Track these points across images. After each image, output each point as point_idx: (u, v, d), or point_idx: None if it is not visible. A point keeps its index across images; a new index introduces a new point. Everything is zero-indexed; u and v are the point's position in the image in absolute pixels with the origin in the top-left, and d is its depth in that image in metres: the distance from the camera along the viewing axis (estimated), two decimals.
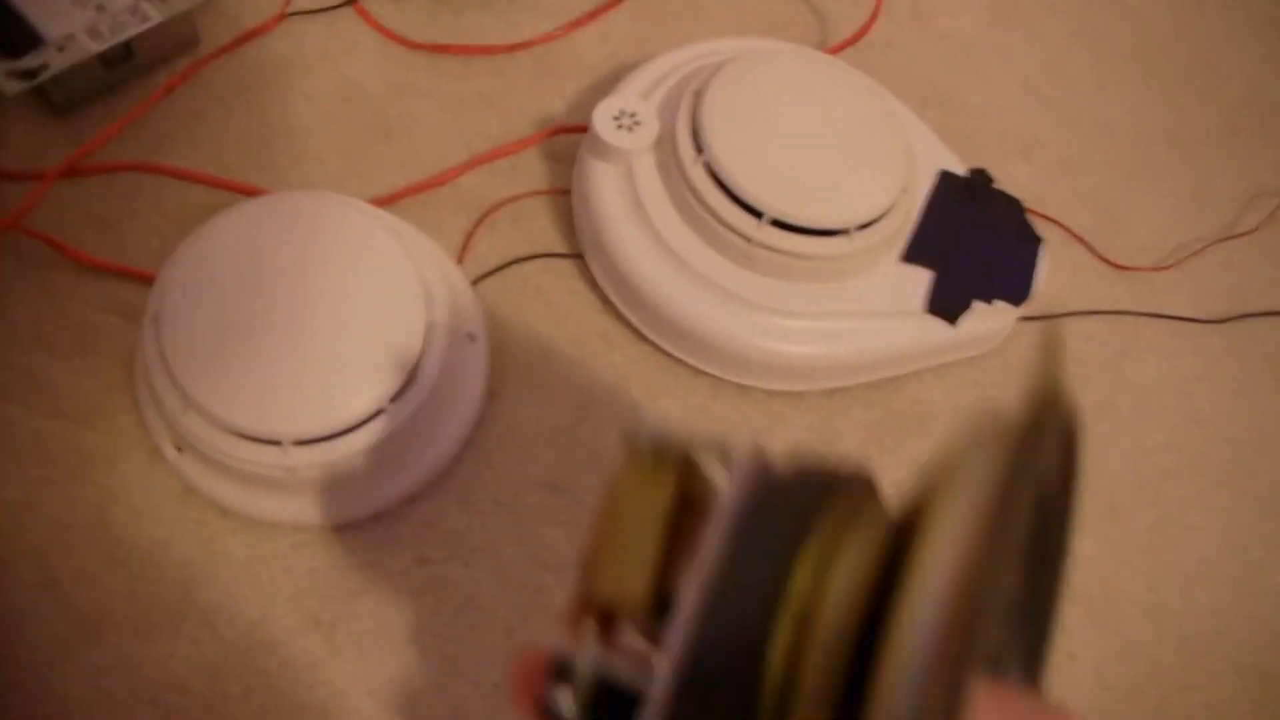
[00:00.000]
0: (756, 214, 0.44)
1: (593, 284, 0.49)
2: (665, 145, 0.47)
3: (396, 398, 0.39)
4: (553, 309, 0.48)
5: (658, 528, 0.21)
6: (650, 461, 0.22)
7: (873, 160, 0.47)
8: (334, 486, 0.40)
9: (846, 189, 0.45)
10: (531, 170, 0.52)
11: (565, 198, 0.51)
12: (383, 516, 0.42)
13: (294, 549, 0.41)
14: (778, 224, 0.44)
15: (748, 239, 0.44)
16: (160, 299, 0.39)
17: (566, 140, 0.52)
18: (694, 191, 0.45)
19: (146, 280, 0.45)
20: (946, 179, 0.50)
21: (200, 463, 0.40)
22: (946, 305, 0.47)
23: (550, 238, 0.50)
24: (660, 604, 0.21)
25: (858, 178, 0.46)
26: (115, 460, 0.42)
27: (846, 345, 0.47)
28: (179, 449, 0.40)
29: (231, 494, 0.40)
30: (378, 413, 0.39)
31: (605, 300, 0.48)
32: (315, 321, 0.39)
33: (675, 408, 0.47)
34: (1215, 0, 0.70)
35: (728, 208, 0.44)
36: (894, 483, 0.47)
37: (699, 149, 0.45)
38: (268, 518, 0.41)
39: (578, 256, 0.49)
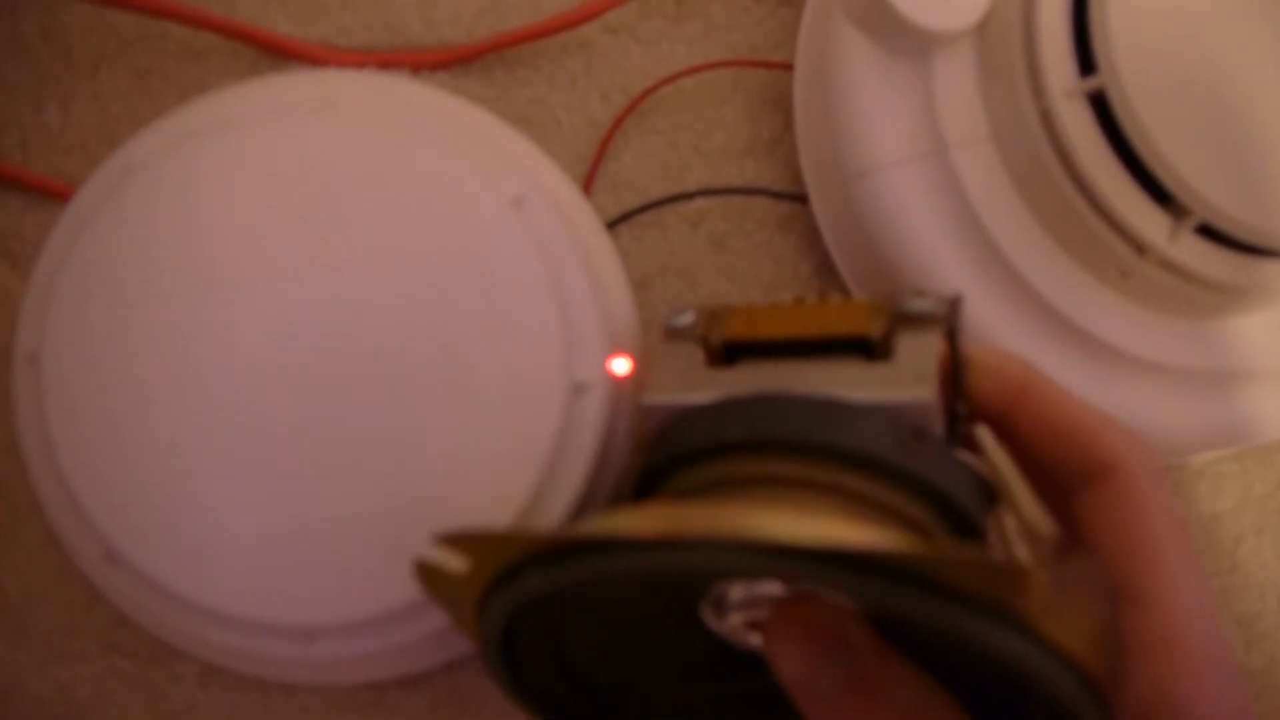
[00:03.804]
0: (1178, 211, 0.24)
1: (819, 248, 0.29)
2: (1002, 38, 0.25)
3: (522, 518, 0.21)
4: (739, 285, 0.29)
5: None
6: None
7: None
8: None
9: None
10: (724, 16, 0.30)
11: (784, 77, 0.29)
12: (454, 665, 0.26)
13: (305, 716, 0.25)
14: (1206, 232, 0.24)
15: (1143, 249, 0.24)
16: (39, 325, 0.19)
17: None
18: (1058, 144, 0.24)
19: (36, 191, 0.25)
20: None
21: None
22: None
23: (741, 151, 0.29)
24: None
25: None
26: (11, 549, 0.24)
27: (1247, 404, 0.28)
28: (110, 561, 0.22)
29: (196, 638, 0.23)
30: None
31: (833, 279, 0.29)
32: (349, 419, 0.20)
33: None
34: None
35: (1125, 188, 0.24)
36: None
37: (1085, 65, 0.24)
38: (260, 675, 0.24)
39: (798, 199, 0.29)
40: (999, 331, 0.26)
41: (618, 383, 0.23)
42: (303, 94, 0.23)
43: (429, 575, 0.16)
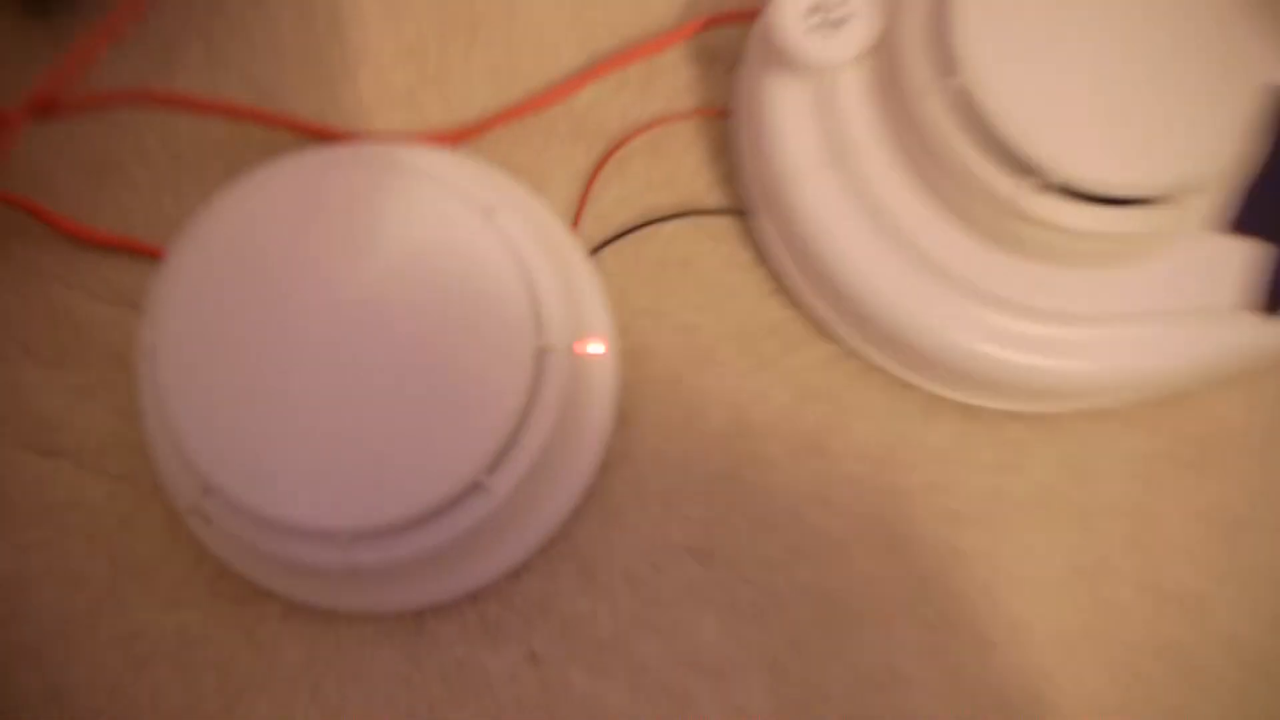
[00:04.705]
0: (1029, 171, 0.29)
1: (764, 256, 0.35)
2: (888, 57, 0.31)
3: (494, 468, 0.27)
4: (705, 293, 0.35)
5: None
6: None
7: (1195, 94, 0.30)
8: (412, 577, 0.29)
9: (1164, 133, 0.29)
10: (676, 81, 0.37)
11: (725, 124, 0.36)
12: (479, 597, 0.31)
13: (362, 644, 0.31)
14: (1063, 190, 0.29)
15: (1012, 207, 0.29)
16: (156, 324, 0.27)
17: (728, 36, 0.36)
18: (932, 131, 0.30)
19: (156, 257, 0.33)
20: None
21: (231, 542, 0.29)
22: None
23: (702, 185, 0.36)
24: None
25: (1177, 114, 0.30)
26: (131, 517, 0.31)
27: (1135, 354, 0.32)
28: (206, 519, 0.29)
29: (276, 577, 0.30)
30: (470, 489, 0.27)
31: (781, 280, 0.34)
32: (373, 362, 0.27)
33: (874, 431, 0.34)
34: None
35: (985, 158, 0.29)
36: (1189, 543, 0.33)
37: (946, 67, 0.29)
38: (326, 605, 0.30)
39: (742, 214, 0.35)
40: (903, 290, 0.31)
41: (580, 354, 0.29)
42: (345, 158, 0.30)
43: None
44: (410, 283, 0.27)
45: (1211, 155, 0.29)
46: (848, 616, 0.32)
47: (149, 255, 0.33)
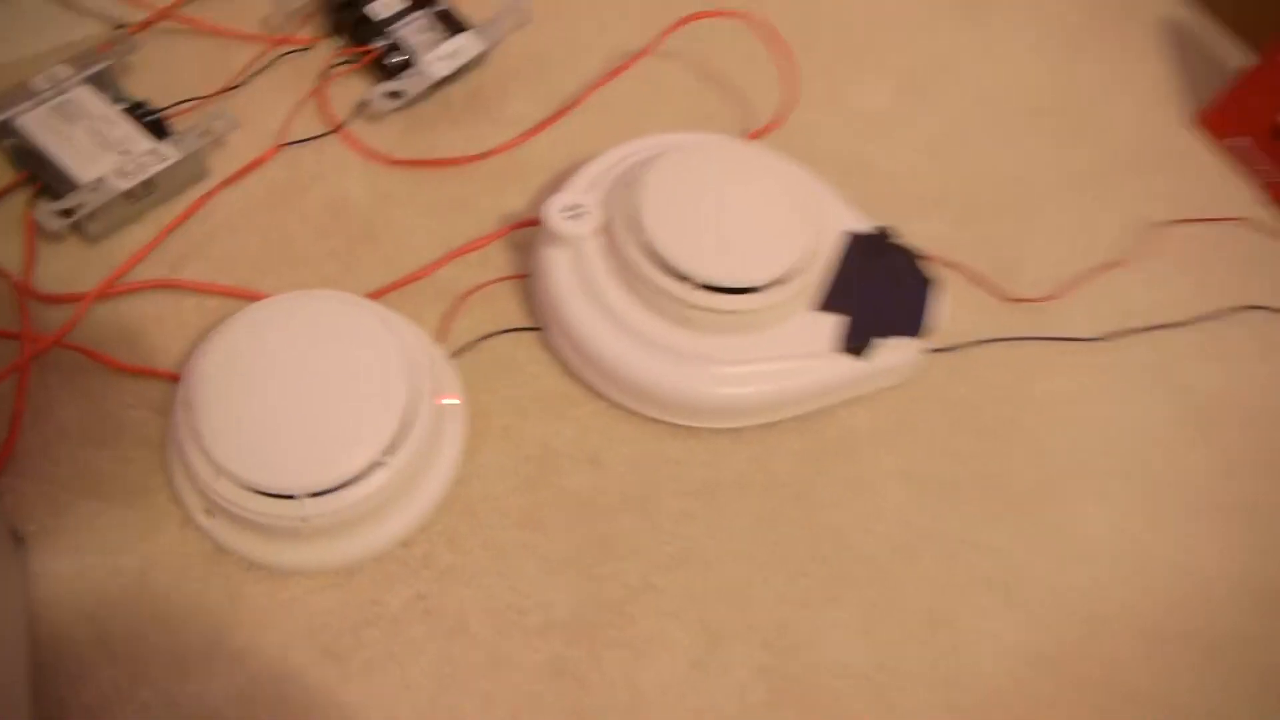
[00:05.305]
0: (687, 280, 0.52)
1: (554, 352, 0.56)
2: (608, 230, 0.55)
3: (390, 451, 0.46)
4: (521, 375, 0.56)
5: None
6: None
7: (784, 227, 0.55)
8: (341, 534, 0.47)
9: (761, 252, 0.53)
10: (499, 260, 0.60)
11: (527, 281, 0.59)
12: (383, 559, 0.49)
13: (308, 593, 0.48)
14: (705, 287, 0.52)
15: (682, 301, 0.52)
16: (188, 388, 0.47)
17: (526, 232, 0.60)
18: (634, 267, 0.53)
19: (172, 379, 0.53)
20: (853, 237, 0.58)
21: (228, 524, 0.47)
22: (856, 343, 0.55)
23: (516, 315, 0.58)
24: None
25: (770, 242, 0.54)
26: (153, 532, 0.49)
27: (775, 385, 0.54)
28: (209, 514, 0.47)
29: (255, 548, 0.47)
30: (375, 465, 0.46)
31: (565, 365, 0.56)
32: (319, 394, 0.46)
33: (630, 451, 0.54)
34: (1100, 62, 0.79)
35: (662, 277, 0.52)
36: (828, 500, 0.54)
37: (636, 231, 0.53)
38: (286, 567, 0.48)
39: (540, 329, 0.57)
40: (635, 360, 0.53)
41: (440, 403, 0.49)
42: (306, 298, 0.51)
43: None
44: (339, 351, 0.48)
45: (788, 263, 0.53)
46: (612, 556, 0.51)
47: (165, 378, 0.53)
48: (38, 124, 0.57)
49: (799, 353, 0.54)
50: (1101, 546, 0.54)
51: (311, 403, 0.46)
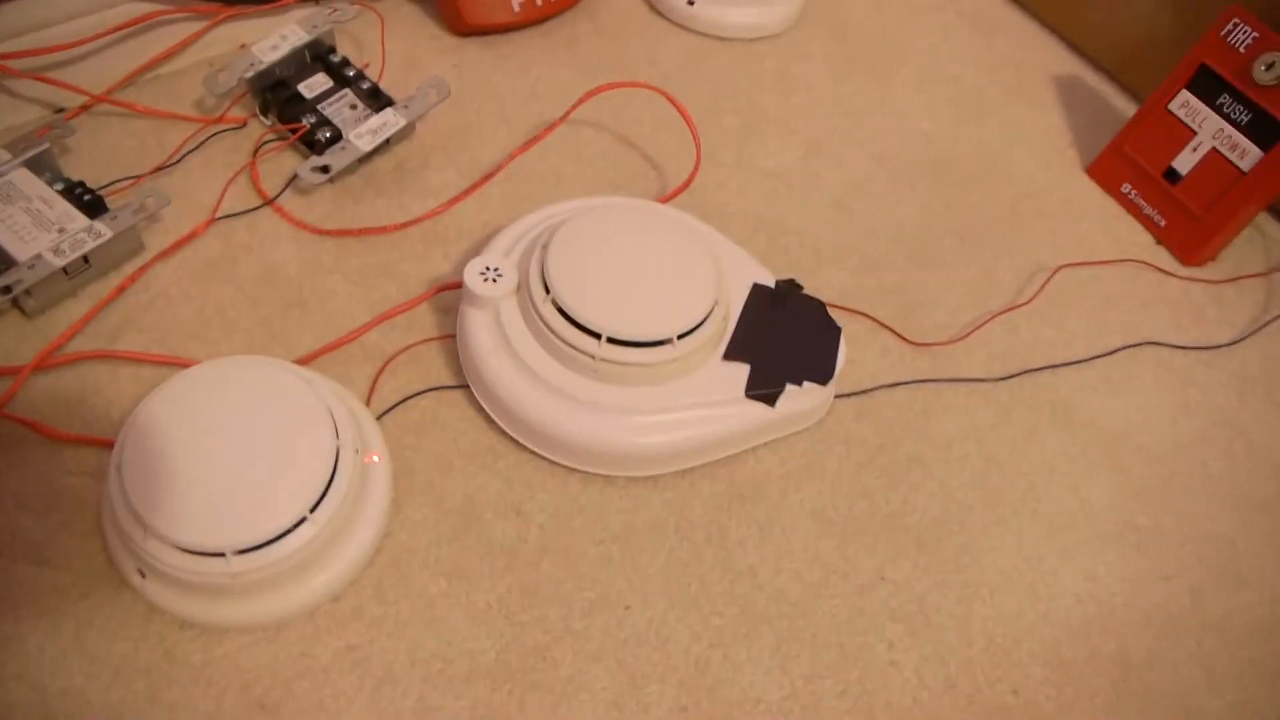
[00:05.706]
0: (596, 335, 0.55)
1: (478, 408, 0.59)
2: (523, 290, 0.58)
3: (315, 508, 0.49)
4: (447, 431, 0.59)
5: None
6: None
7: (688, 282, 0.58)
8: (271, 589, 0.49)
9: (667, 307, 0.57)
10: (424, 322, 0.63)
11: (451, 341, 0.62)
12: (314, 613, 0.51)
13: (241, 648, 0.50)
14: (614, 341, 0.55)
15: (592, 356, 0.55)
16: (121, 453, 0.49)
17: (450, 295, 0.64)
18: (546, 324, 0.56)
19: (107, 445, 0.55)
20: (757, 290, 0.62)
21: (160, 584, 0.49)
22: (763, 391, 0.58)
23: (442, 374, 0.61)
24: None
25: (676, 297, 0.57)
26: (88, 594, 0.51)
27: (688, 433, 0.57)
28: (142, 574, 0.49)
29: (187, 607, 0.49)
30: (301, 521, 0.48)
31: (489, 420, 0.59)
32: (247, 456, 0.49)
33: (551, 500, 0.57)
34: (995, 117, 0.85)
35: (573, 333, 0.55)
36: (740, 540, 0.57)
37: (547, 290, 0.57)
38: (219, 623, 0.50)
39: (464, 387, 0.60)
40: (550, 413, 0.56)
41: (368, 460, 0.52)
42: (238, 363, 0.54)
43: None
44: (266, 414, 0.50)
45: (694, 316, 0.57)
46: (535, 602, 0.53)
47: (101, 444, 0.55)
48: None
49: (708, 401, 0.58)
50: (1007, 577, 0.58)
51: (239, 464, 0.49)
